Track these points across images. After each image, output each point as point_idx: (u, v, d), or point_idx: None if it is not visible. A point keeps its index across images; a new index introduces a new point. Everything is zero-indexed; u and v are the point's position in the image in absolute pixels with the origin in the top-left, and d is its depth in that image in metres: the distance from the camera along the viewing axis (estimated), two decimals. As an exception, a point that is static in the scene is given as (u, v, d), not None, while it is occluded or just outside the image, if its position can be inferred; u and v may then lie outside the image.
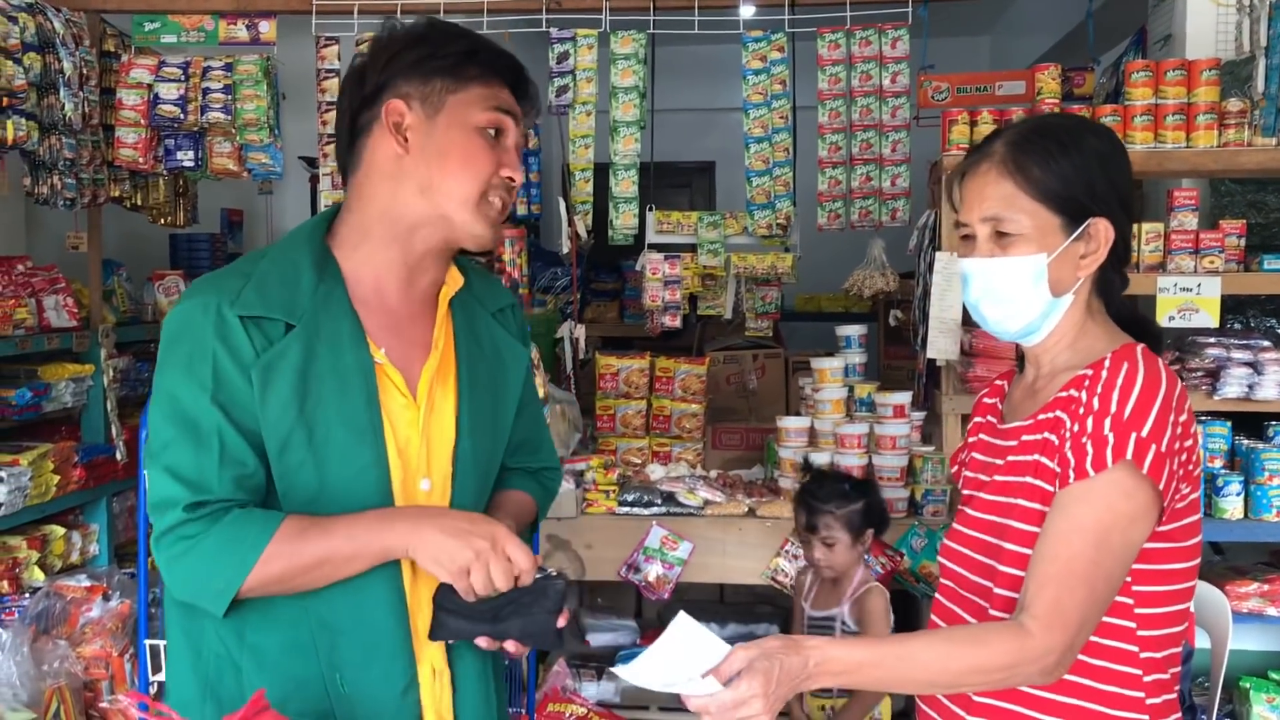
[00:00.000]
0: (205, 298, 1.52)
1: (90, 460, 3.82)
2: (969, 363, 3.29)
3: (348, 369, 1.55)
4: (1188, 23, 3.76)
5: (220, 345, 1.49)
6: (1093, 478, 1.53)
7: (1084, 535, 1.53)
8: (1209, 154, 3.26)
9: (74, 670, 3.28)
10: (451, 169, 1.58)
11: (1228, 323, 3.54)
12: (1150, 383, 1.57)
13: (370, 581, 1.53)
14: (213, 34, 4.12)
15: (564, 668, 3.57)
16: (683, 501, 3.54)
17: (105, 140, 4.07)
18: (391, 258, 1.62)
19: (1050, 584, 1.53)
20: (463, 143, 1.59)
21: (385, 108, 1.59)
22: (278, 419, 1.50)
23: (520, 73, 1.67)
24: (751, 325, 4.45)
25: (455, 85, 1.60)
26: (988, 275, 1.69)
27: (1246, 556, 3.45)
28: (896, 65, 4.05)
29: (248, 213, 5.85)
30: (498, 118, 1.61)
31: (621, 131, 4.15)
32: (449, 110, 1.59)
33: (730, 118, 5.39)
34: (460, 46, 1.61)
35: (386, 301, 1.62)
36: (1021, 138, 1.68)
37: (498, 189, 1.61)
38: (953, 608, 1.76)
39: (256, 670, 1.53)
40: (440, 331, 1.66)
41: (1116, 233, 1.66)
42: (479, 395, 1.68)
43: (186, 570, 1.49)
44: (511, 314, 1.82)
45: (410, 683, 1.57)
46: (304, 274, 1.57)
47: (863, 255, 4.08)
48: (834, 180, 4.12)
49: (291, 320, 1.53)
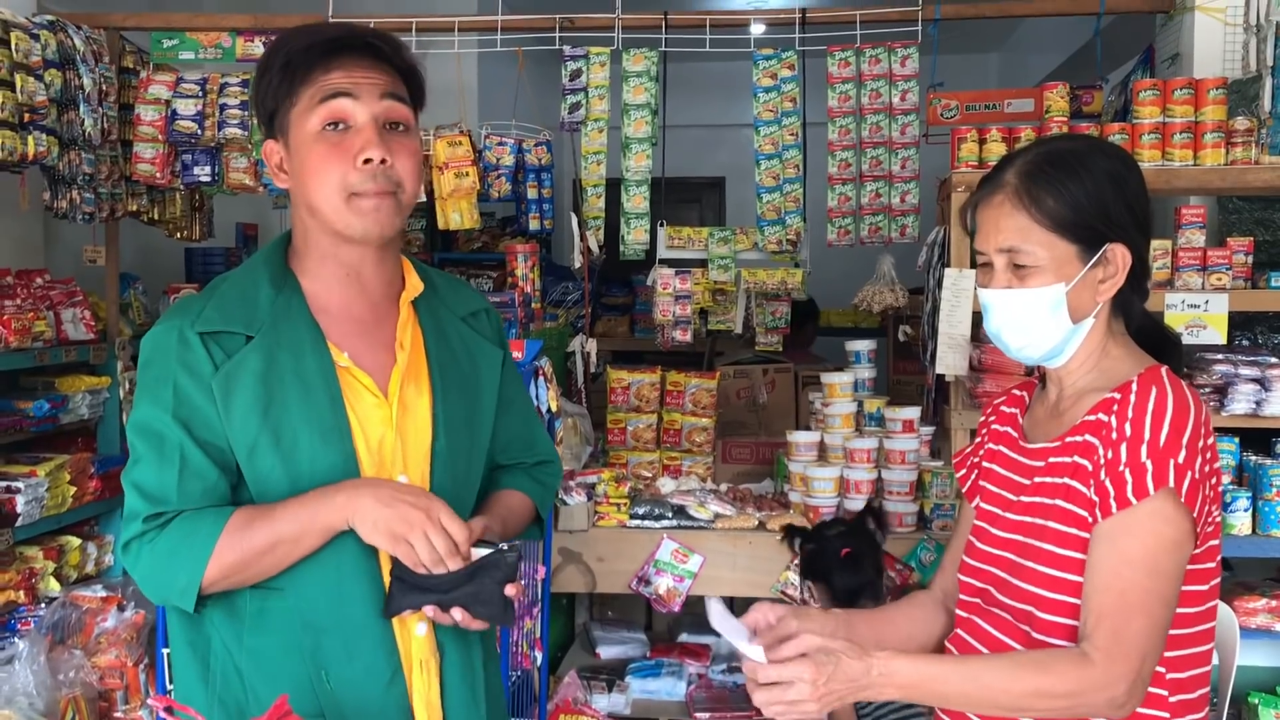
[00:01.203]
0: (170, 321, 1.60)
1: (106, 471, 3.86)
2: (978, 378, 3.31)
3: (309, 372, 1.59)
4: (1195, 42, 3.79)
5: (180, 365, 1.56)
6: (1135, 506, 1.54)
7: (1134, 566, 1.54)
8: (1216, 172, 3.28)
9: (89, 680, 3.30)
10: (311, 187, 1.60)
11: (1235, 339, 3.56)
12: (1180, 408, 1.58)
13: (348, 578, 1.58)
14: (230, 51, 4.17)
15: (575, 679, 3.59)
16: (693, 515, 3.56)
17: (123, 155, 4.12)
18: (332, 271, 1.66)
19: (1108, 616, 1.53)
20: (310, 156, 1.59)
21: (265, 152, 1.67)
22: (242, 426, 1.55)
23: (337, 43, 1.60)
24: (761, 340, 4.47)
25: (290, 100, 1.61)
26: (1007, 306, 1.69)
27: (1254, 572, 3.46)
28: (906, 83, 4.08)
29: (262, 227, 5.90)
30: (330, 109, 1.58)
31: (633, 148, 4.19)
32: (294, 128, 1.61)
33: (741, 134, 5.43)
34: (280, 59, 1.60)
35: (348, 310, 1.67)
36: (1034, 167, 1.67)
37: (360, 180, 1.58)
38: (981, 624, 1.75)
39: (256, 673, 1.57)
40: (405, 333, 1.69)
41: (1134, 254, 1.66)
42: (452, 395, 1.71)
43: (149, 572, 1.55)
44: (486, 318, 1.85)
45: (395, 674, 1.60)
46: (261, 288, 1.63)
47: (872, 271, 4.11)
48: (844, 197, 4.15)
49: (250, 332, 1.59)
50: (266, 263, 1.67)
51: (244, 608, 1.57)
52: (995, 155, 3.37)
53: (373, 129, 1.58)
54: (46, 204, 3.85)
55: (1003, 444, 1.85)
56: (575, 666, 3.90)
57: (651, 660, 4.01)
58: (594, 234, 4.25)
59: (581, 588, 3.54)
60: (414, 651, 1.63)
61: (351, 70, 1.59)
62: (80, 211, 3.87)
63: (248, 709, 1.57)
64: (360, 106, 1.59)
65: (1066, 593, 1.62)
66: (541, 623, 3.25)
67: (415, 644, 1.63)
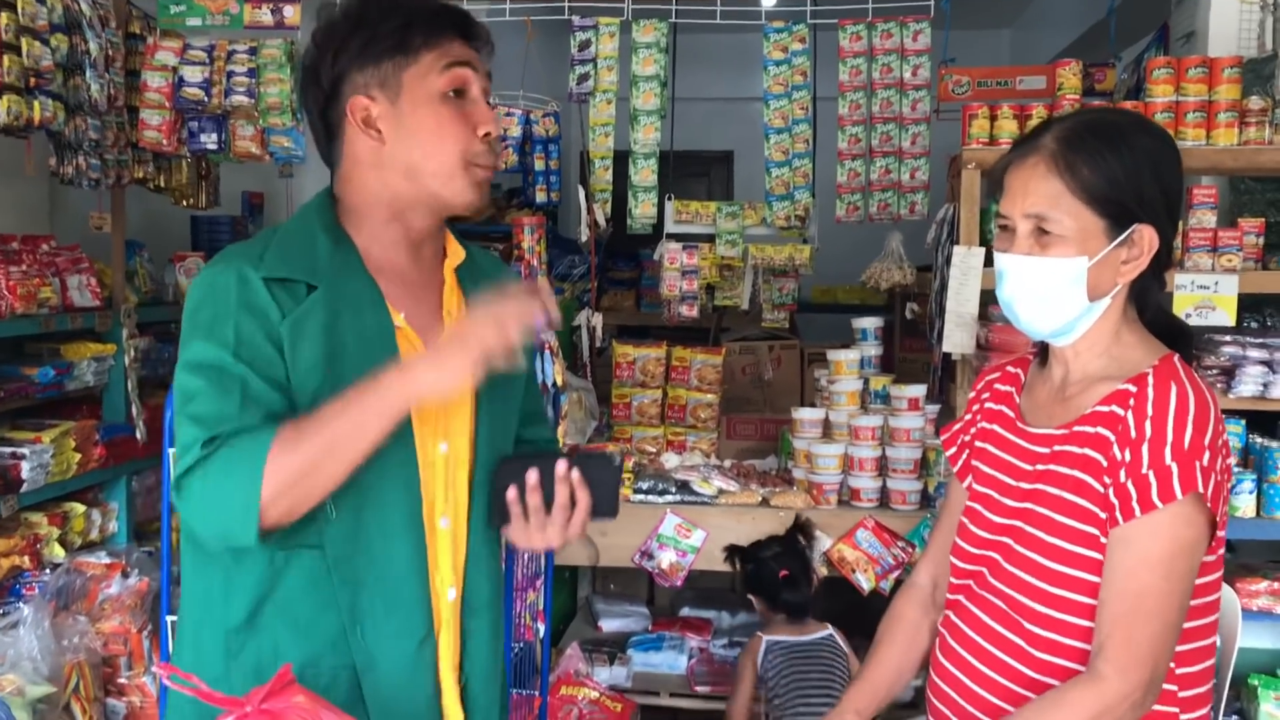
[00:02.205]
0: (228, 264, 1.55)
1: (111, 439, 3.86)
2: (984, 357, 3.30)
3: (369, 330, 1.57)
4: (1210, 20, 3.76)
5: (244, 308, 1.51)
6: (1160, 510, 1.52)
7: (1152, 568, 1.53)
8: (1229, 152, 3.26)
9: (93, 646, 3.32)
10: (429, 148, 1.58)
11: (1244, 321, 3.53)
12: (1201, 407, 1.55)
13: (392, 534, 1.56)
14: (238, 18, 4.14)
15: (577, 652, 3.60)
16: (697, 490, 3.57)
17: (130, 122, 4.09)
18: (394, 234, 1.64)
19: (1121, 623, 1.53)
20: (431, 117, 1.58)
21: (349, 106, 1.59)
22: (307, 376, 1.52)
23: (464, 17, 1.64)
24: (768, 316, 4.46)
25: (406, 60, 1.58)
26: (1025, 273, 1.64)
27: (1258, 554, 3.45)
28: (918, 58, 4.05)
29: (268, 195, 5.88)
30: (456, 75, 1.59)
31: (642, 120, 4.17)
32: (408, 88, 1.58)
33: (750, 107, 5.40)
34: (398, 19, 1.59)
35: (401, 272, 1.65)
36: (1074, 134, 1.63)
37: (483, 153, 1.60)
38: (970, 607, 1.74)
39: (286, 627, 1.54)
40: (451, 299, 1.69)
41: (1160, 240, 1.62)
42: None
43: (201, 502, 1.46)
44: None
45: (427, 635, 1.60)
46: (320, 240, 1.59)
47: (880, 248, 4.09)
48: (853, 172, 4.13)
49: (314, 282, 1.55)
50: (320, 215, 1.64)
51: (276, 564, 1.53)
52: (1007, 132, 3.34)
53: (485, 103, 1.62)
54: (52, 169, 3.83)
55: (998, 424, 1.80)
56: (577, 639, 3.92)
57: (653, 634, 4.03)
58: (601, 207, 4.23)
59: (584, 561, 3.55)
60: (443, 614, 1.62)
61: (468, 45, 1.63)
62: (86, 177, 3.85)
63: (267, 668, 1.51)
64: (477, 80, 1.62)
65: (1064, 586, 1.61)
66: (545, 595, 3.26)
67: (445, 607, 1.63)
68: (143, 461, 4.10)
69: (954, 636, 1.77)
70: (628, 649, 3.89)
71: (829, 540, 3.40)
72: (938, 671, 1.79)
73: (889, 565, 3.36)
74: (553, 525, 1.60)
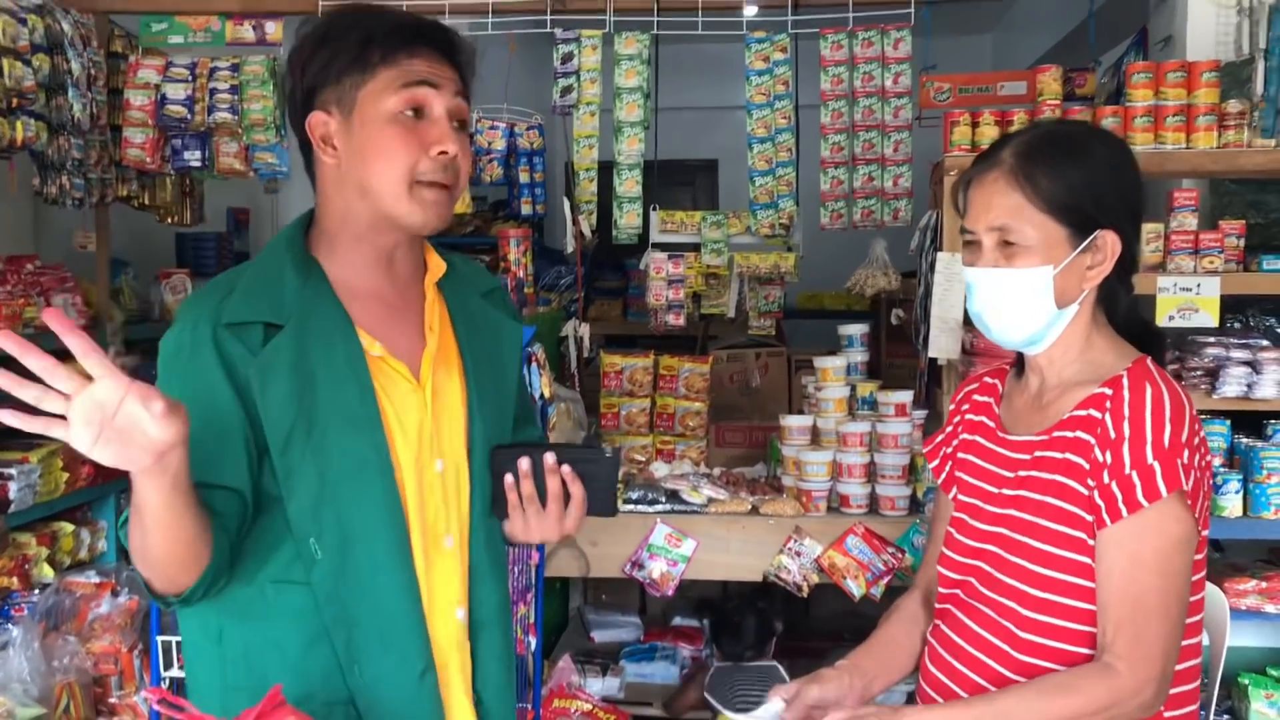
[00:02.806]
0: (191, 316, 1.54)
1: (99, 458, 3.85)
2: (970, 362, 3.32)
3: (339, 362, 1.56)
4: (1188, 24, 3.78)
5: (208, 361, 1.50)
6: (1146, 509, 1.54)
7: (1147, 568, 1.55)
8: (1209, 155, 3.28)
9: (83, 666, 3.31)
10: (375, 167, 1.56)
11: (1227, 322, 3.56)
12: (1176, 406, 1.58)
13: (381, 571, 1.55)
14: (220, 35, 4.15)
15: (569, 664, 3.60)
16: (686, 499, 3.57)
17: (113, 140, 4.10)
18: (365, 255, 1.63)
19: (1126, 624, 1.54)
20: (379, 135, 1.55)
21: (309, 122, 1.60)
22: (279, 416, 1.51)
23: (433, 33, 1.61)
24: (754, 324, 4.47)
25: (363, 77, 1.56)
26: (992, 285, 1.68)
27: (1245, 554, 3.47)
28: (899, 66, 4.07)
29: (254, 212, 5.89)
30: (412, 95, 1.56)
31: (625, 132, 4.18)
32: (361, 106, 1.57)
33: (734, 116, 5.42)
34: (357, 36, 1.57)
35: (376, 294, 1.64)
36: (1031, 147, 1.67)
37: (430, 170, 1.56)
38: (960, 615, 1.75)
39: (280, 664, 1.54)
40: (433, 315, 1.68)
41: (1123, 244, 1.65)
42: (483, 375, 1.70)
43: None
44: (501, 295, 1.83)
45: (427, 666, 1.58)
46: (287, 276, 1.58)
47: (865, 255, 4.11)
48: (836, 180, 4.14)
49: (279, 321, 1.54)
50: (289, 248, 1.62)
51: (267, 599, 1.53)
52: (988, 138, 3.36)
53: (448, 123, 1.58)
54: (36, 189, 3.84)
55: (979, 434, 1.83)
56: (570, 650, 3.91)
57: (645, 644, 4.03)
58: (586, 218, 4.24)
59: (575, 572, 3.55)
60: (452, 636, 1.61)
61: (433, 62, 1.58)
62: (70, 197, 3.85)
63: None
64: (439, 99, 1.58)
65: (1053, 590, 1.62)
66: (535, 608, 3.26)
67: (453, 628, 1.61)
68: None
69: (944, 645, 1.78)
70: (620, 659, 3.89)
71: (819, 547, 3.41)
72: (927, 679, 1.81)
73: (879, 571, 3.37)
74: (548, 517, 1.60)
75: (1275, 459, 3.16)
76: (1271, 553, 3.47)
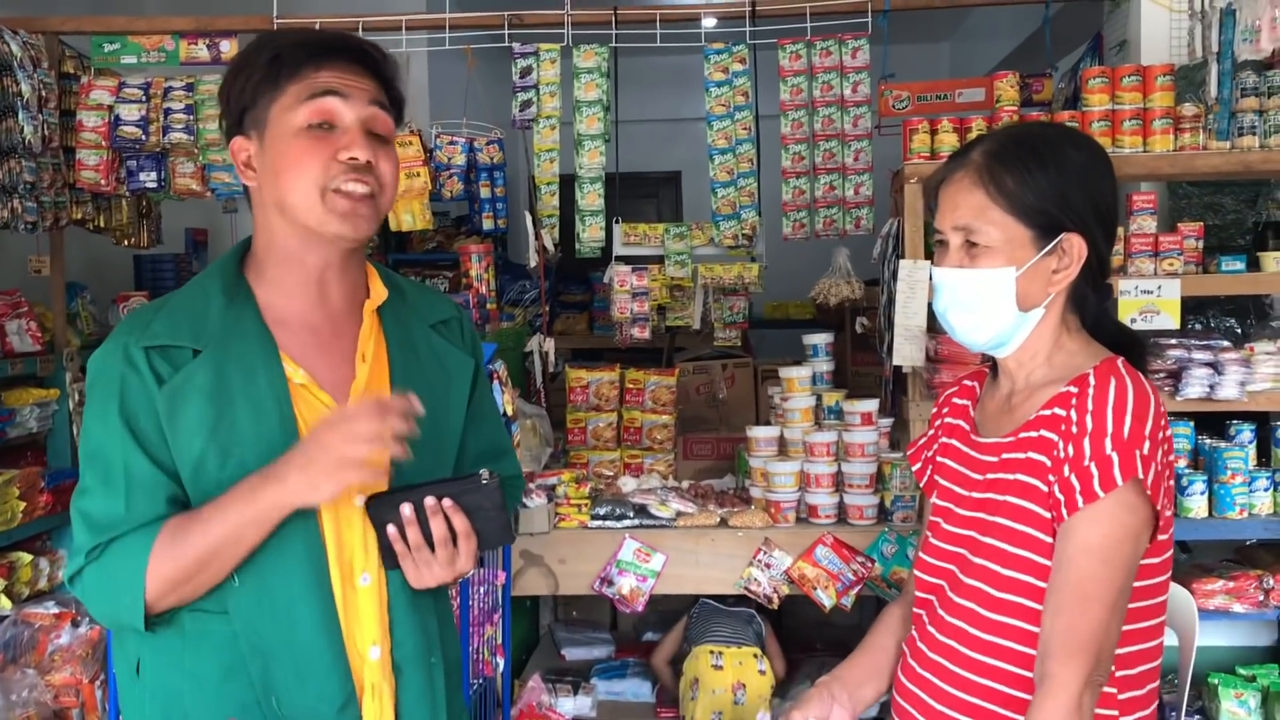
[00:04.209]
0: (116, 339, 1.55)
1: (57, 485, 3.78)
2: (934, 369, 3.32)
3: (260, 390, 1.53)
4: (1142, 29, 3.82)
5: (125, 383, 1.51)
6: (1102, 499, 1.53)
7: (1091, 554, 1.54)
8: (1165, 158, 3.30)
9: (44, 699, 3.24)
10: (286, 181, 1.54)
11: (1188, 323, 3.59)
12: (1141, 400, 1.57)
13: (298, 600, 1.52)
14: (173, 54, 4.10)
15: (539, 683, 3.56)
16: (655, 514, 3.55)
17: (66, 163, 4.04)
18: (293, 277, 1.60)
19: (1062, 612, 1.53)
20: (288, 150, 1.54)
21: (230, 149, 1.60)
22: (188, 443, 1.50)
23: (343, 44, 1.58)
24: (720, 335, 4.46)
25: (272, 96, 1.56)
26: (956, 285, 1.68)
27: (1211, 554, 3.49)
28: (857, 75, 4.09)
29: (212, 232, 5.82)
30: (318, 106, 1.54)
31: (586, 145, 4.16)
32: (272, 124, 1.56)
33: (696, 127, 5.42)
34: (268, 54, 1.56)
35: (306, 321, 1.61)
36: (1000, 147, 1.67)
37: (341, 176, 1.53)
38: (929, 628, 1.74)
39: (198, 696, 1.52)
40: (367, 344, 1.64)
41: (1091, 248, 1.64)
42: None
43: (94, 602, 1.52)
44: (457, 325, 1.79)
45: (348, 700, 1.55)
46: (213, 299, 1.57)
47: (828, 263, 4.11)
48: (798, 190, 4.15)
49: (197, 346, 1.53)
50: (221, 272, 1.61)
51: (184, 629, 1.52)
52: (947, 146, 3.37)
53: (359, 130, 1.56)
54: (-13, 214, 3.77)
55: (955, 437, 1.83)
56: (539, 669, 3.88)
57: (617, 661, 4.00)
58: (549, 232, 4.22)
59: (544, 590, 3.51)
60: (365, 676, 1.57)
61: (342, 73, 1.56)
62: (22, 221, 3.79)
63: None
64: (348, 108, 1.56)
65: (1013, 591, 1.61)
66: (503, 629, 3.23)
67: (368, 668, 1.57)
68: (90, 507, 4.02)
69: (912, 653, 1.77)
70: (592, 677, 3.86)
71: (789, 559, 3.40)
72: (900, 691, 1.79)
73: (849, 581, 3.35)
74: (439, 560, 1.54)
75: (1238, 459, 3.18)
76: (1238, 552, 3.49)
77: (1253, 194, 3.78)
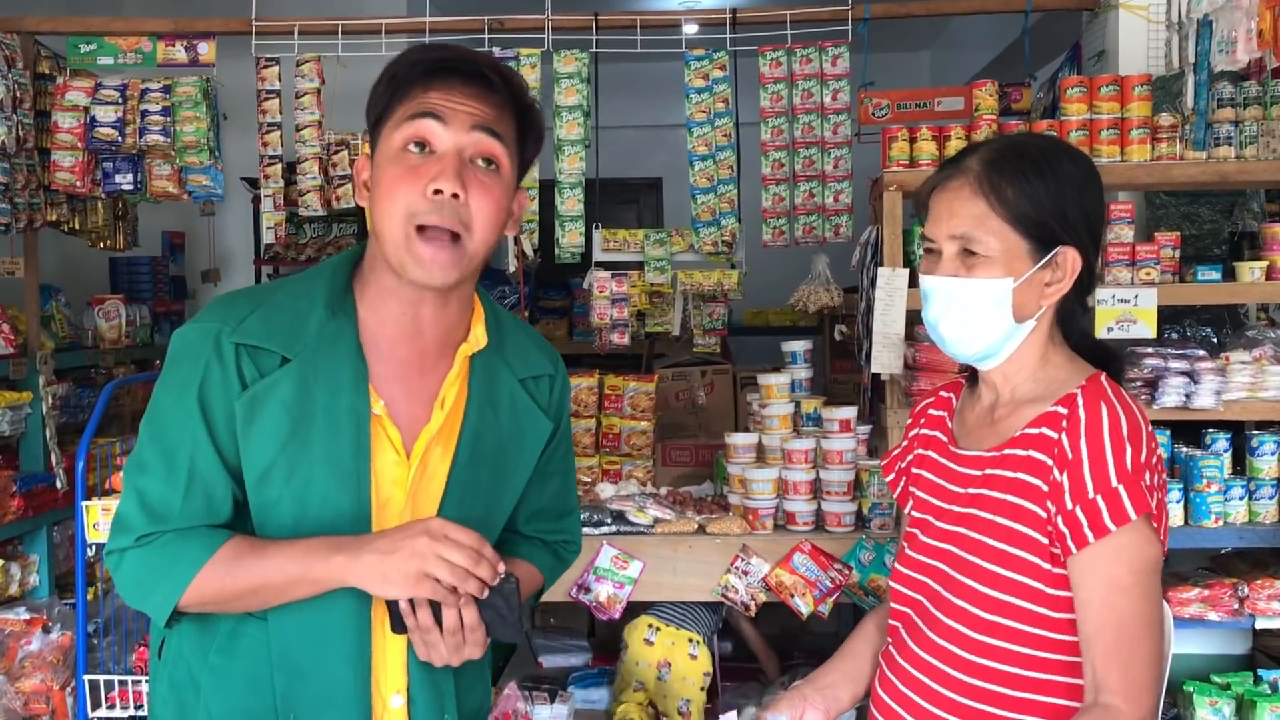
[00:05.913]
0: (209, 322, 1.50)
1: (29, 489, 3.75)
2: (913, 376, 3.32)
3: (340, 412, 1.49)
4: (1120, 39, 3.84)
5: (209, 371, 1.47)
6: (1115, 533, 1.52)
7: (1127, 594, 1.53)
8: (1143, 168, 3.32)
9: (13, 706, 3.21)
10: (379, 209, 1.48)
11: (1165, 333, 3.60)
12: (1134, 426, 1.56)
13: (336, 631, 1.51)
14: (151, 56, 4.08)
15: (515, 691, 3.54)
16: (633, 520, 3.53)
17: (41, 164, 4.01)
18: (391, 307, 1.55)
19: (1115, 654, 1.53)
20: (382, 176, 1.48)
21: (353, 169, 1.58)
22: (259, 452, 1.47)
23: (460, 64, 1.48)
24: (699, 341, 4.46)
25: (384, 114, 1.51)
26: (950, 294, 1.65)
27: (1187, 563, 3.50)
28: (837, 82, 4.09)
29: (189, 235, 5.79)
30: (413, 129, 1.46)
31: (566, 150, 4.16)
32: (380, 144, 1.51)
33: (676, 134, 5.42)
34: (389, 72, 1.51)
35: (397, 350, 1.56)
36: (998, 157, 1.64)
37: (426, 211, 1.44)
38: (910, 643, 1.72)
39: (215, 692, 1.51)
40: (450, 390, 1.58)
41: (1083, 262, 1.64)
42: (478, 465, 1.60)
43: (128, 583, 1.50)
44: (548, 383, 1.71)
45: None
46: (315, 308, 1.52)
47: (807, 271, 4.11)
48: (778, 197, 4.15)
49: (289, 354, 1.48)
50: (330, 279, 1.55)
51: (218, 625, 1.51)
52: (926, 154, 3.38)
53: (454, 159, 1.46)
54: (-40, 215, 3.74)
55: (932, 449, 1.81)
56: (516, 677, 3.85)
57: (594, 669, 3.98)
58: (528, 237, 4.21)
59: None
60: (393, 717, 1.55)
61: (450, 93, 1.47)
62: (-4, 222, 3.76)
63: None
64: (447, 132, 1.46)
65: (1000, 613, 1.60)
66: (480, 634, 3.20)
67: (389, 715, 1.55)
68: (63, 511, 3.99)
69: (891, 668, 1.76)
70: (569, 685, 3.84)
71: (767, 566, 3.39)
72: (879, 706, 1.78)
73: (827, 588, 3.35)
74: (445, 644, 1.48)
75: (1214, 468, 3.19)
76: (1213, 560, 3.50)
77: (1229, 204, 3.80)
